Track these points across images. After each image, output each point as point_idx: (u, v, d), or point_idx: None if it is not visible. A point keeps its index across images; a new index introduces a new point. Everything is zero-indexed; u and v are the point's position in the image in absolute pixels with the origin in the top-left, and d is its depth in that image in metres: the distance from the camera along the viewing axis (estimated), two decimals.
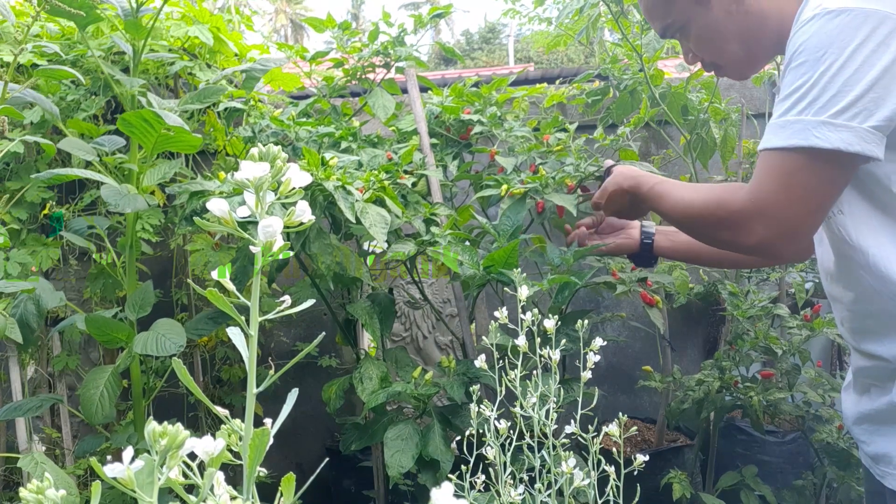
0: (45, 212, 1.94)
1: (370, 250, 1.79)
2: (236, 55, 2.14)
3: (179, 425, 0.46)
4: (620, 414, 1.08)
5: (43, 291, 1.53)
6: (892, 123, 0.84)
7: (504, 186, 1.66)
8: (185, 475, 0.51)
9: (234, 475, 0.79)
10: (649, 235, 1.37)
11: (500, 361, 1.13)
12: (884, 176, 0.90)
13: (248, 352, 0.56)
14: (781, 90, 0.91)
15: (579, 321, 1.11)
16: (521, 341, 1.08)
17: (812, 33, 0.86)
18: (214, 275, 0.59)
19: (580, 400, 1.09)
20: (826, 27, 0.85)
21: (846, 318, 1.04)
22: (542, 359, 1.08)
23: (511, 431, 1.11)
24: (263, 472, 0.60)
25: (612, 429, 1.04)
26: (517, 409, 1.08)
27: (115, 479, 0.45)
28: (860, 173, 0.90)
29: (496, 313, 1.15)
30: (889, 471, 0.96)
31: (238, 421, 0.57)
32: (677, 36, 1.13)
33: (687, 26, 1.08)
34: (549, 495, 1.04)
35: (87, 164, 1.62)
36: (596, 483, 1.04)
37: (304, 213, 0.58)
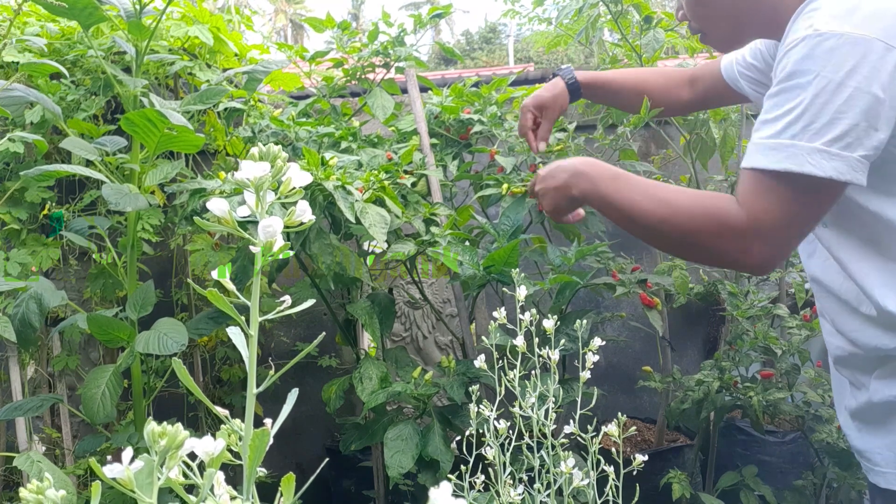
0: (45, 212, 1.94)
1: (370, 250, 1.79)
2: (236, 55, 2.14)
3: (179, 425, 0.46)
4: (619, 414, 1.08)
5: (44, 291, 1.52)
6: (879, 151, 0.86)
7: (505, 186, 1.67)
8: (184, 475, 0.51)
9: (234, 475, 0.79)
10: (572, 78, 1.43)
11: (500, 361, 1.13)
12: (862, 197, 0.92)
13: (248, 352, 0.56)
14: (771, 108, 0.91)
15: (578, 321, 1.11)
16: (520, 341, 1.08)
17: (803, 55, 0.87)
18: (214, 275, 0.60)
19: (579, 400, 1.09)
20: (816, 51, 0.86)
21: (826, 308, 1.08)
22: (542, 359, 1.08)
23: (510, 431, 1.11)
24: (263, 471, 0.60)
25: (612, 429, 1.05)
26: (516, 409, 1.08)
27: (114, 479, 0.45)
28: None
29: (495, 313, 1.15)
30: (871, 466, 1.01)
31: (238, 421, 0.57)
32: None
33: None
34: (548, 495, 1.04)
35: (89, 164, 1.62)
36: (595, 483, 1.04)
37: (304, 212, 0.58)
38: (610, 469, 1.03)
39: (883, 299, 0.92)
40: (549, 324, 1.08)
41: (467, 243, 1.63)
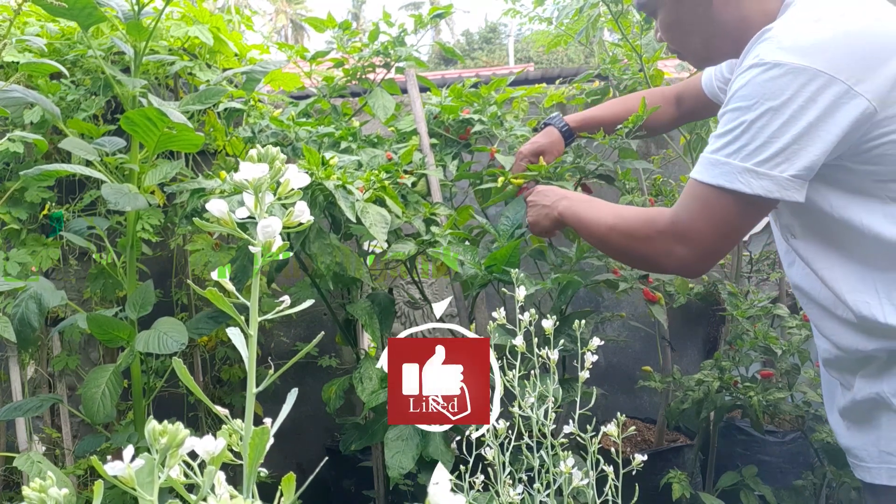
0: (45, 212, 1.94)
1: (370, 250, 1.79)
2: (236, 55, 2.14)
3: (180, 424, 0.46)
4: (619, 414, 1.08)
5: (44, 290, 1.52)
6: (813, 172, 0.92)
7: (500, 178, 1.66)
8: (185, 475, 0.51)
9: (234, 475, 0.79)
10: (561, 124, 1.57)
11: (500, 361, 1.13)
12: (827, 205, 0.98)
13: (247, 351, 0.56)
14: (719, 126, 0.99)
15: (577, 322, 1.11)
16: (519, 341, 1.09)
17: (747, 81, 0.94)
18: (214, 275, 0.60)
19: (578, 400, 1.09)
20: (759, 78, 0.92)
21: (810, 314, 1.12)
22: (541, 359, 1.08)
23: (510, 431, 1.11)
24: (263, 471, 0.60)
25: (611, 429, 1.05)
26: (516, 409, 1.08)
27: (115, 477, 0.45)
28: (807, 203, 0.97)
29: (494, 313, 1.15)
30: (857, 462, 1.06)
31: (238, 421, 0.57)
32: (651, 15, 1.20)
33: (657, 12, 1.15)
34: (548, 495, 1.04)
35: (88, 164, 1.62)
36: (595, 483, 1.04)
37: (302, 213, 0.59)
38: (609, 469, 1.03)
39: (855, 304, 0.97)
40: (547, 324, 1.08)
41: (467, 243, 1.63)
